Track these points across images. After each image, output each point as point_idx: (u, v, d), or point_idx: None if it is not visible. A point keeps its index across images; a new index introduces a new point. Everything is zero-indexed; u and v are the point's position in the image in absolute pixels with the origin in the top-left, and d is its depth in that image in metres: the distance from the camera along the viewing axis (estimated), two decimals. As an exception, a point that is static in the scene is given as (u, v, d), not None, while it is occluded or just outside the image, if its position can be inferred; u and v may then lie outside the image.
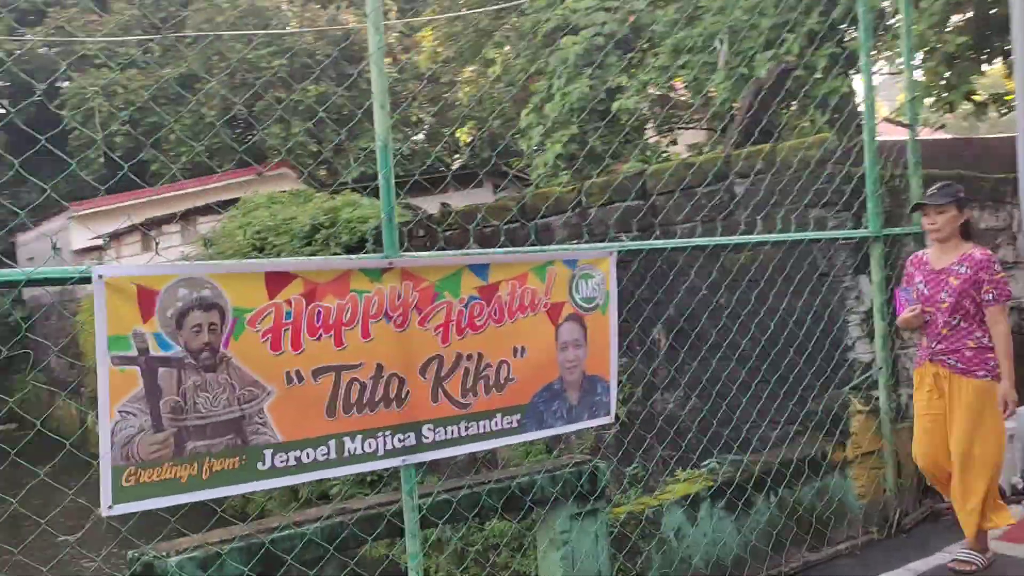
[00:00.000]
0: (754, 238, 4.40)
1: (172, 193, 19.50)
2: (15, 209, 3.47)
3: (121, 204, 18.58)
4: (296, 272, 2.74)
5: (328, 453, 2.79)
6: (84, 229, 19.45)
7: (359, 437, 2.86)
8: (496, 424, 3.18)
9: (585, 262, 3.45)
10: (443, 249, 3.31)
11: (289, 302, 2.71)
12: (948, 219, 3.97)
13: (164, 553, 2.65)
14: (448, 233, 8.06)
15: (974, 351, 3.88)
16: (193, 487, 2.54)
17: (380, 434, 2.90)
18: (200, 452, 2.55)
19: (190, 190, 19.22)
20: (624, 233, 6.41)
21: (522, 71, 14.12)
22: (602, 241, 5.03)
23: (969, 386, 3.85)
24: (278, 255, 9.11)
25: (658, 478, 5.56)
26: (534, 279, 3.29)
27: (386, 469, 3.04)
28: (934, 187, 4.06)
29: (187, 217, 14.21)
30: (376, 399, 2.89)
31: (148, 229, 13.59)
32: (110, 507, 2.42)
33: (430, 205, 10.38)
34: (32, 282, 2.33)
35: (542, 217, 7.03)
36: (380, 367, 2.90)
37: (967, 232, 4.06)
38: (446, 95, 21.71)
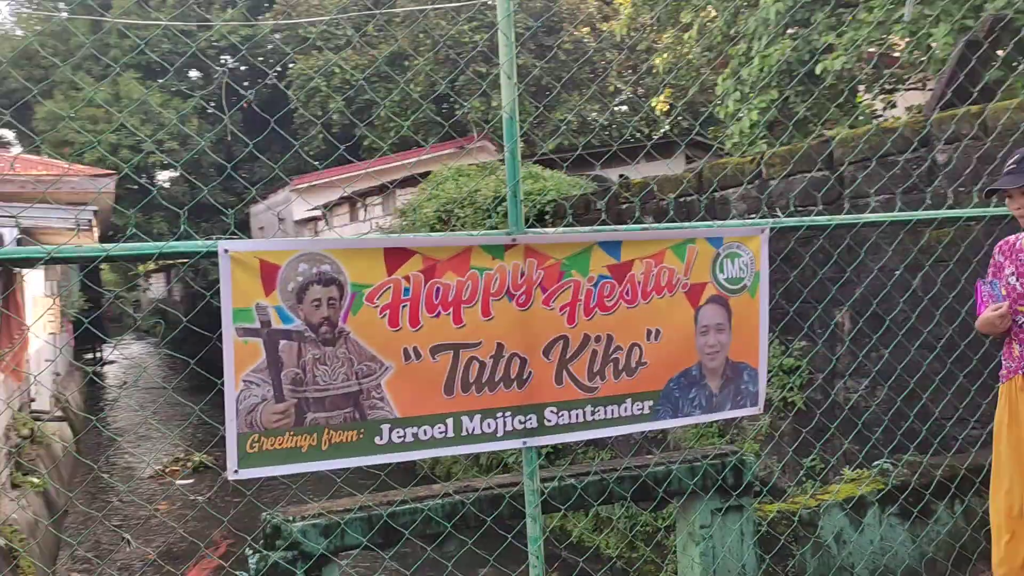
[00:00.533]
0: (952, 213, 3.87)
1: (381, 167, 20.53)
2: (247, 185, 3.74)
3: (335, 177, 19.80)
4: (415, 249, 2.72)
5: (446, 431, 2.78)
6: (304, 201, 20.94)
7: (478, 417, 2.82)
8: (625, 410, 3.04)
9: (732, 240, 3.19)
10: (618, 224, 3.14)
11: (408, 278, 2.71)
12: None
13: (291, 517, 2.74)
14: (624, 206, 7.86)
15: None
16: (313, 457, 2.61)
17: (500, 414, 2.85)
18: (319, 423, 2.61)
19: (394, 164, 20.15)
20: (810, 207, 5.95)
21: (720, 35, 13.50)
22: (785, 215, 4.66)
23: None
24: (462, 227, 9.31)
25: (840, 472, 5.16)
26: (672, 258, 3.09)
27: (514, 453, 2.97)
28: (1012, 161, 3.12)
29: (386, 190, 14.88)
30: (496, 379, 2.83)
31: (355, 201, 14.36)
32: (236, 472, 2.54)
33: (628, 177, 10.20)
34: (165, 255, 2.46)
35: (719, 190, 6.67)
36: (501, 346, 2.83)
37: None
38: (644, 63, 21.21)
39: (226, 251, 2.48)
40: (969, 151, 4.67)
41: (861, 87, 11.79)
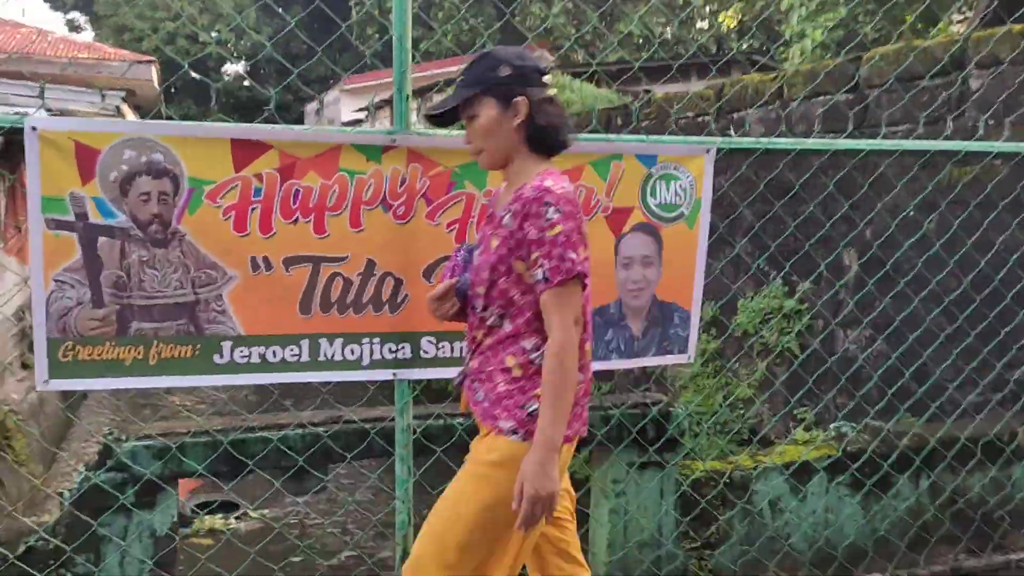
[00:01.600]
0: (977, 146, 3.22)
1: (435, 71, 19.91)
2: (301, 85, 3.47)
3: (384, 80, 19.29)
4: (271, 142, 2.33)
5: (299, 354, 2.44)
6: (352, 101, 20.55)
7: (339, 341, 2.47)
8: (524, 346, 2.65)
9: (668, 159, 2.72)
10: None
11: (260, 177, 2.33)
12: (483, 126, 1.97)
13: (123, 436, 2.46)
14: (645, 123, 7.30)
15: (507, 381, 1.92)
16: (139, 371, 2.31)
17: (366, 340, 2.50)
18: (147, 335, 2.30)
19: (446, 68, 19.49)
20: (832, 134, 5.34)
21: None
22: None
23: (482, 445, 1.94)
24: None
25: (827, 427, 4.72)
26: (592, 175, 2.65)
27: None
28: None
29: (422, 94, 14.38)
30: (364, 300, 2.47)
31: (388, 103, 13.92)
32: (46, 381, 2.25)
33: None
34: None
35: (737, 111, 6.07)
36: (371, 263, 2.46)
37: (543, 143, 2.01)
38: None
39: (34, 128, 2.14)
40: (1006, 77, 4.03)
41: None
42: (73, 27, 36.39)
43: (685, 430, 3.01)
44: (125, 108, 13.51)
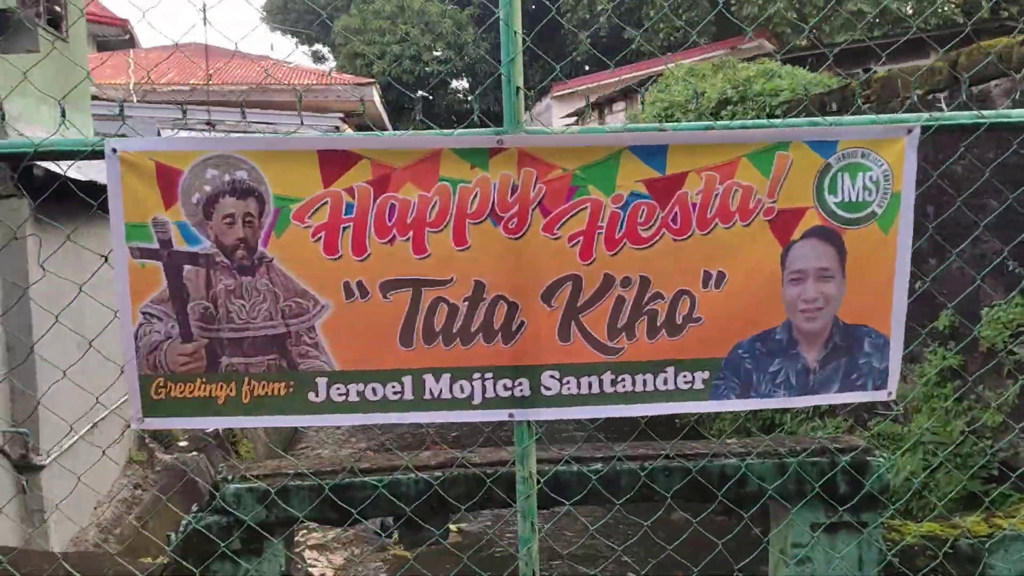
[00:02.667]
0: None
1: (640, 72, 19.42)
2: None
3: (588, 85, 19.08)
4: (361, 152, 2.06)
5: (401, 392, 2.14)
6: (562, 107, 20.52)
7: (446, 377, 2.15)
8: (666, 382, 2.19)
9: (852, 145, 2.15)
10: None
11: (351, 191, 2.06)
12: None
13: (229, 476, 2.29)
14: (866, 106, 6.44)
15: None
16: (232, 411, 2.12)
17: (477, 376, 2.15)
18: (238, 370, 2.11)
19: (655, 69, 18.90)
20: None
21: None
22: None
23: None
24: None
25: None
26: (750, 170, 2.14)
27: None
28: None
29: (631, 94, 13.93)
30: (473, 329, 2.13)
31: (599, 106, 13.63)
32: (140, 420, 2.12)
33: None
34: (41, 155, 2.03)
35: (980, 82, 5.13)
36: (481, 286, 2.12)
37: None
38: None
39: (114, 151, 2.00)
40: None
41: None
42: (318, 58, 39.54)
43: (889, 484, 2.40)
44: (345, 127, 14.21)
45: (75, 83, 8.29)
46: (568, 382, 2.17)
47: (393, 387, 2.14)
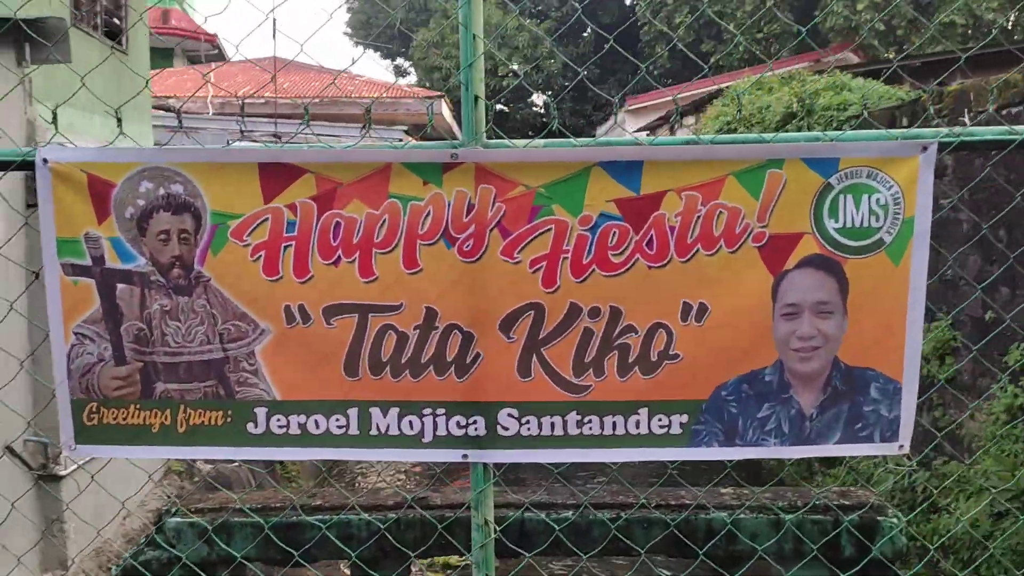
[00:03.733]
0: None
1: (717, 85, 18.95)
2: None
3: (659, 100, 18.72)
4: (305, 166, 1.90)
5: (346, 426, 1.97)
6: (636, 121, 20.24)
7: (394, 411, 1.97)
8: (639, 425, 1.96)
9: (856, 163, 1.88)
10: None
11: (293, 208, 1.91)
12: None
13: (174, 509, 2.16)
14: (936, 122, 6.02)
15: None
16: (167, 440, 1.99)
17: (427, 411, 1.96)
18: (173, 397, 1.97)
19: (724, 84, 18.42)
20: None
21: None
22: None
23: None
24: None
25: None
26: (737, 190, 1.89)
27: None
28: None
29: (704, 108, 13.56)
30: (423, 360, 1.94)
31: (666, 121, 13.34)
32: (72, 448, 2.00)
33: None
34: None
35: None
36: (433, 314, 1.93)
37: None
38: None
39: (45, 161, 1.90)
40: None
41: None
42: (400, 72, 40.11)
43: (903, 548, 2.11)
44: (408, 139, 14.24)
45: (141, 94, 8.45)
46: (528, 422, 1.96)
47: (337, 420, 1.97)
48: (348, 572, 2.23)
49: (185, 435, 1.98)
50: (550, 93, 32.03)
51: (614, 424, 1.95)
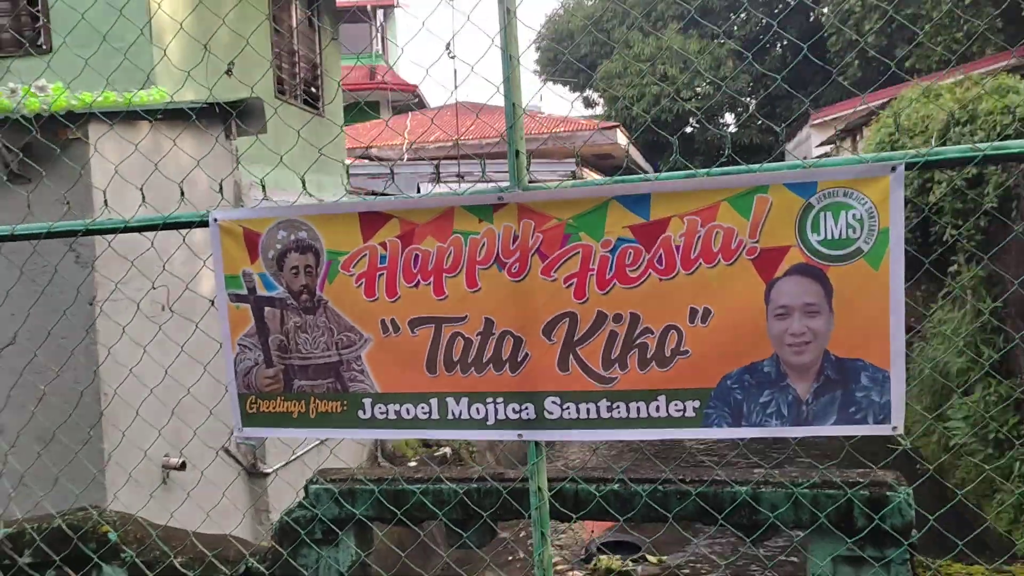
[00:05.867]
0: None
1: (902, 93, 18.14)
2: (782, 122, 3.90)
3: (846, 112, 18.17)
4: (391, 212, 2.50)
5: (430, 412, 2.53)
6: (821, 134, 19.76)
7: (465, 400, 2.50)
8: (658, 410, 2.37)
9: (832, 185, 2.21)
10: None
11: (384, 245, 2.51)
12: None
13: (315, 479, 2.81)
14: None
15: None
16: (303, 424, 2.64)
17: (490, 400, 2.48)
18: (305, 391, 2.62)
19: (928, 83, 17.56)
20: None
21: None
22: None
23: None
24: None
25: None
26: (730, 213, 2.28)
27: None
28: None
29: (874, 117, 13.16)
30: (484, 360, 2.47)
31: (850, 132, 13.06)
32: (240, 429, 2.70)
33: None
34: (168, 225, 2.70)
35: None
36: (490, 323, 2.46)
37: None
38: None
39: (215, 220, 2.62)
40: None
41: None
42: (588, 103, 41.09)
43: (912, 520, 2.37)
44: (583, 171, 14.86)
45: (330, 151, 9.62)
46: (568, 408, 2.43)
47: (423, 408, 2.54)
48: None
49: (316, 419, 2.63)
50: (734, 114, 31.66)
51: (638, 409, 2.38)
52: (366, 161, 17.68)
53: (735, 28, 30.23)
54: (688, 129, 32.25)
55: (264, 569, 2.80)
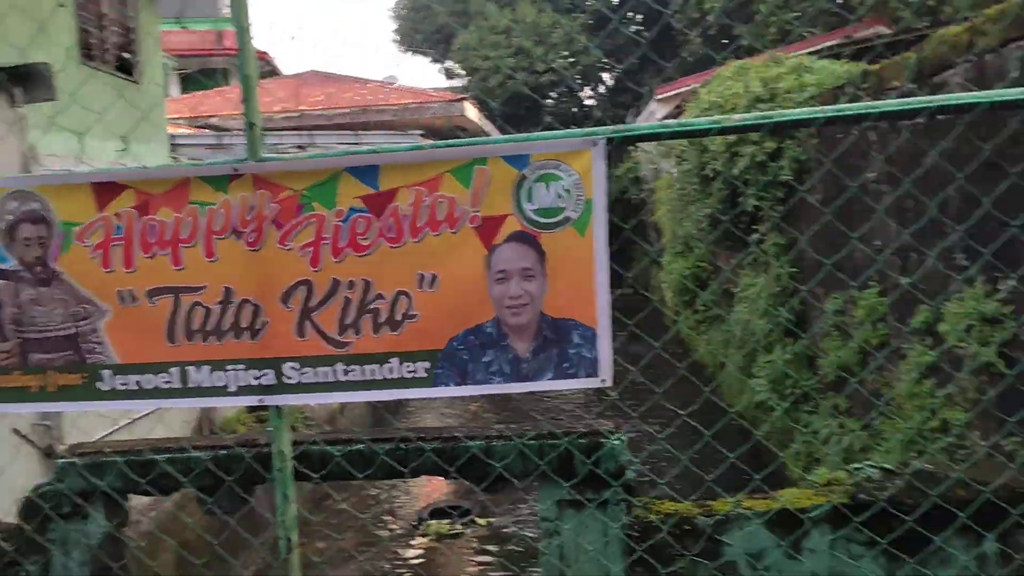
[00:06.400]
0: None
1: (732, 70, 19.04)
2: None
3: (688, 87, 18.90)
4: (126, 182, 2.49)
5: (171, 381, 2.55)
6: (664, 109, 20.50)
7: (206, 368, 2.54)
8: (391, 371, 2.49)
9: (544, 158, 2.38)
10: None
11: (119, 215, 2.50)
12: None
13: (63, 455, 2.78)
14: (867, 98, 6.33)
15: None
16: (42, 398, 2.60)
17: (231, 367, 2.53)
18: (43, 365, 2.58)
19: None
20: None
21: None
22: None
23: None
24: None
25: None
26: (453, 184, 2.41)
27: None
28: None
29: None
30: (224, 328, 2.51)
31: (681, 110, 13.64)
32: (-21, 405, 2.64)
33: None
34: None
35: (936, 73, 5.01)
36: (229, 291, 2.50)
37: None
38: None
39: (-43, 189, 2.53)
40: None
41: None
42: (450, 75, 40.92)
43: (624, 464, 2.59)
44: (426, 141, 14.85)
45: (152, 119, 9.25)
46: (306, 372, 2.51)
47: (164, 377, 2.55)
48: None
49: (55, 393, 2.60)
50: (590, 86, 32.36)
51: (372, 371, 2.49)
52: (207, 131, 17.02)
53: (586, 2, 30.82)
54: (549, 102, 32.70)
55: (8, 547, 2.75)
